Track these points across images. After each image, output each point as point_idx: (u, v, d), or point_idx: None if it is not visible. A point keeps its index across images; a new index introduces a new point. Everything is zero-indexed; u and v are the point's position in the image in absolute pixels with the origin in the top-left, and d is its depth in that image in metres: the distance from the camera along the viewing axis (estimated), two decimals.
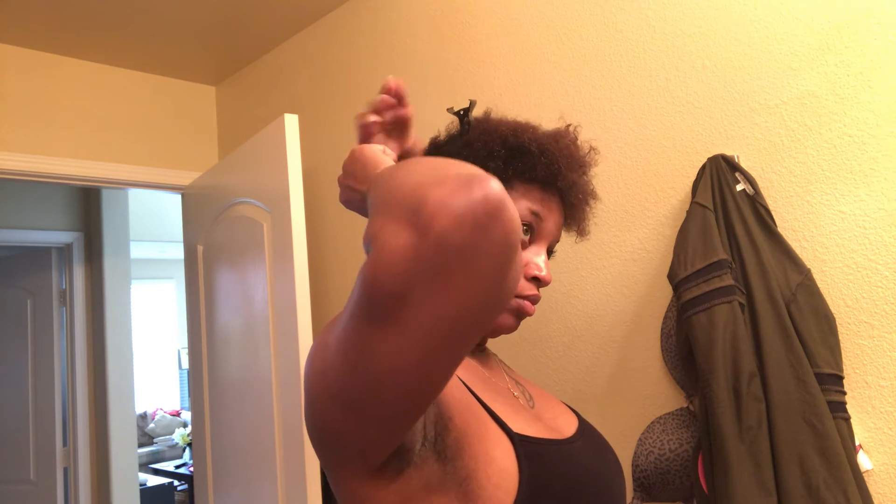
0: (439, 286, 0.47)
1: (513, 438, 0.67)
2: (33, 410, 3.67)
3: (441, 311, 0.48)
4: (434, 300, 0.47)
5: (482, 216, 0.46)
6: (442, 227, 0.45)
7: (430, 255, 0.46)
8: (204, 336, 2.49)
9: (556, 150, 0.78)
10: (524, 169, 0.78)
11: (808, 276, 1.20)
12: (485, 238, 0.46)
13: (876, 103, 1.18)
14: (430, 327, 0.48)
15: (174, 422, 6.60)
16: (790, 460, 1.10)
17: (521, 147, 0.78)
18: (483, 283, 0.48)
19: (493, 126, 0.81)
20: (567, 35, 1.65)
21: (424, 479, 0.63)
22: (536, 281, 0.78)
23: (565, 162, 0.78)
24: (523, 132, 0.79)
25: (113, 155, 2.63)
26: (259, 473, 2.07)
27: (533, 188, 0.78)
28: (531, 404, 0.83)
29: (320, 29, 2.45)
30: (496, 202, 0.46)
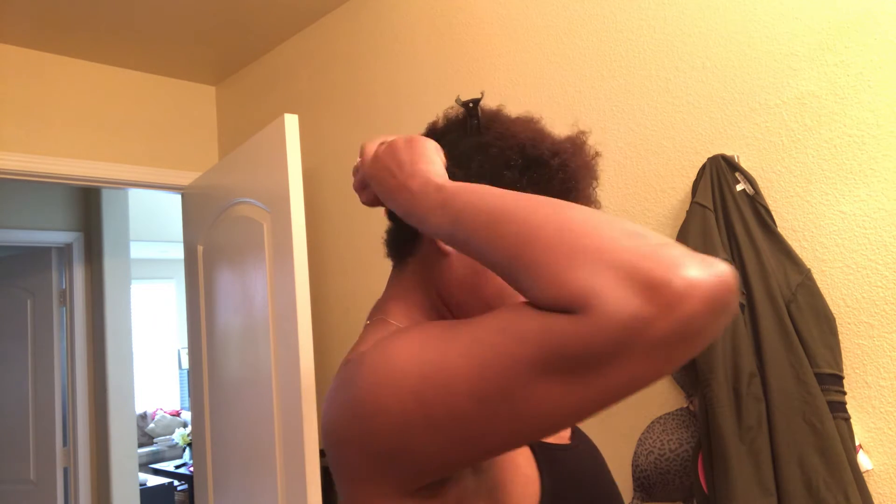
0: (656, 358, 0.47)
1: (532, 446, 0.68)
2: (33, 410, 3.67)
3: (637, 377, 0.47)
4: (639, 368, 0.47)
5: (726, 303, 0.47)
6: (691, 309, 0.45)
7: (665, 331, 0.45)
8: (204, 336, 2.49)
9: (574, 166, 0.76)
10: (539, 180, 0.74)
11: (808, 276, 1.20)
12: (719, 323, 0.47)
13: (876, 103, 1.18)
14: (615, 389, 0.48)
15: (174, 422, 6.60)
16: (790, 460, 1.10)
17: (539, 159, 0.75)
18: (689, 357, 0.48)
19: (511, 131, 0.77)
20: (567, 35, 1.65)
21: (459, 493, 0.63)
22: None
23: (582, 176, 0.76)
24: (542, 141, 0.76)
25: (113, 155, 2.63)
26: (259, 473, 2.07)
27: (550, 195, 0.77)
28: None
29: (320, 29, 2.45)
30: (736, 290, 0.47)
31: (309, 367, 1.88)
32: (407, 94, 2.09)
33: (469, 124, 0.79)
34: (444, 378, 0.53)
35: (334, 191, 2.36)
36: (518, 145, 0.75)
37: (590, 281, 0.47)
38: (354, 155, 2.28)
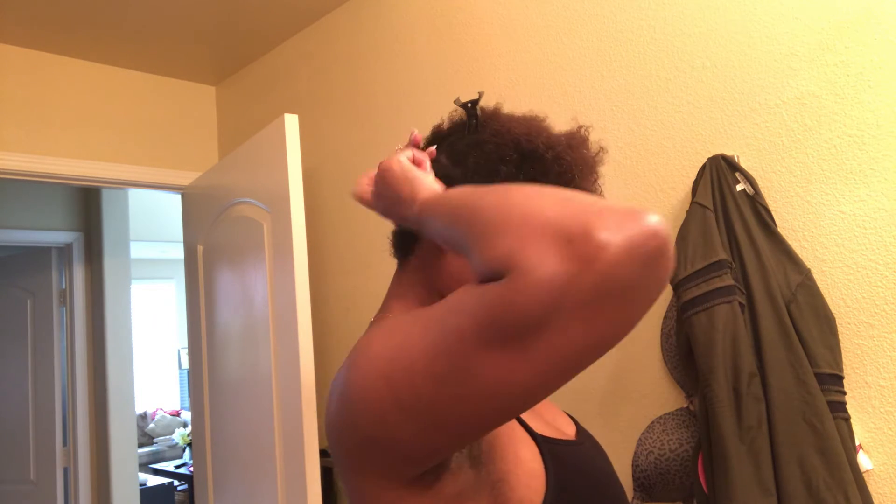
0: (588, 317, 0.46)
1: (537, 440, 0.68)
2: (33, 410, 3.67)
3: (579, 342, 0.47)
4: (576, 330, 0.46)
5: (653, 252, 0.45)
6: (611, 259, 0.44)
7: (589, 285, 0.45)
8: (204, 336, 2.49)
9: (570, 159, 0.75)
10: (536, 175, 0.75)
11: (808, 276, 1.20)
12: (650, 275, 0.46)
13: (876, 103, 1.18)
14: (560, 356, 0.48)
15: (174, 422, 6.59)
16: (790, 460, 1.10)
17: (534, 153, 0.75)
18: (631, 316, 0.47)
19: (506, 126, 0.77)
20: (567, 35, 1.65)
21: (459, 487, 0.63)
22: None
23: (578, 170, 0.76)
24: (537, 136, 0.76)
25: (113, 155, 2.63)
26: (259, 473, 2.07)
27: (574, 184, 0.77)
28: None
29: (320, 29, 2.45)
30: (666, 238, 0.46)
31: (309, 367, 1.88)
32: (407, 94, 2.09)
33: (468, 124, 0.80)
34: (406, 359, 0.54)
35: (334, 191, 2.36)
36: (513, 140, 0.76)
37: (513, 245, 0.48)
38: (355, 155, 2.29)
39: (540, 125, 0.79)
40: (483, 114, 0.80)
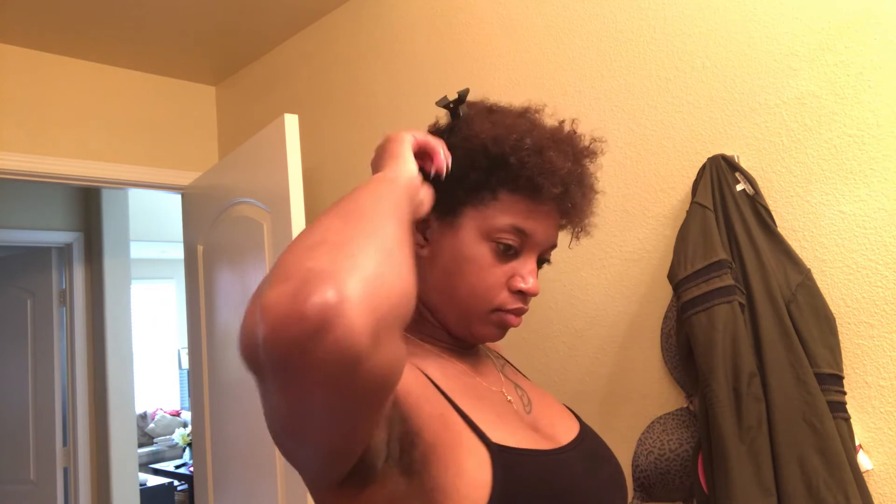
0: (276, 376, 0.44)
1: (490, 448, 0.65)
2: (33, 410, 3.67)
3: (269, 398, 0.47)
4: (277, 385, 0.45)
5: (301, 335, 0.41)
6: (264, 335, 0.42)
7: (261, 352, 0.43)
8: (204, 336, 2.49)
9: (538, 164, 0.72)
10: (506, 180, 0.73)
11: (808, 276, 1.20)
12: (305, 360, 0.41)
13: (876, 103, 1.18)
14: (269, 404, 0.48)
15: (174, 422, 6.59)
16: (790, 460, 1.10)
17: (500, 158, 0.72)
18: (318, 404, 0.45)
19: (475, 131, 0.75)
20: (567, 35, 1.65)
21: (388, 494, 0.63)
22: (522, 294, 0.75)
23: (548, 176, 0.72)
24: (505, 140, 0.73)
25: (113, 155, 2.63)
26: (259, 473, 2.07)
27: (519, 198, 0.74)
28: (528, 409, 0.80)
29: (320, 29, 2.45)
30: (320, 319, 0.40)
31: None
32: (407, 94, 2.09)
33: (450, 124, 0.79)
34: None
35: (334, 191, 2.36)
36: (480, 146, 0.74)
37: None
38: (354, 155, 2.28)
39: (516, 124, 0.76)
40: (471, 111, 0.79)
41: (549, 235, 0.77)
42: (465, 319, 0.76)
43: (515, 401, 0.80)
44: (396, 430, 0.63)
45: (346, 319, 0.41)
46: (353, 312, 0.41)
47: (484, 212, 0.74)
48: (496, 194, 0.74)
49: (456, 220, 0.75)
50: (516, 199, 0.74)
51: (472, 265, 0.74)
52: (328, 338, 0.41)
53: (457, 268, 0.75)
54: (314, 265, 0.43)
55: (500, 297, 0.75)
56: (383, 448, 0.62)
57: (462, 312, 0.76)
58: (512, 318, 0.76)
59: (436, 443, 0.64)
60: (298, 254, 0.46)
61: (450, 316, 0.77)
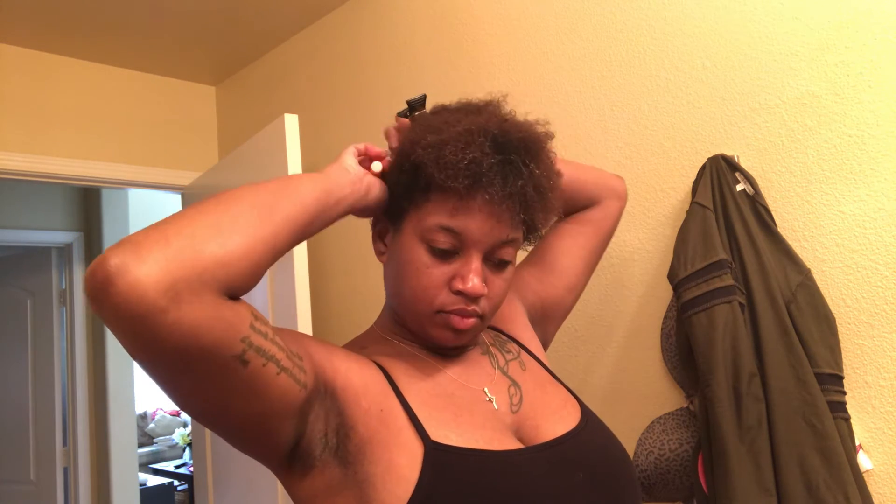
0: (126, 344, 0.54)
1: (426, 446, 0.67)
2: (33, 410, 3.67)
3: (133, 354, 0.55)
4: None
5: (91, 289, 0.51)
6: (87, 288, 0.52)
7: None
8: None
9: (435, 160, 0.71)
10: (428, 180, 0.73)
11: (808, 276, 1.20)
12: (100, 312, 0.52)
13: (876, 103, 1.18)
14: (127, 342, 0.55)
15: (174, 422, 6.59)
16: (790, 460, 1.10)
17: (414, 159, 0.74)
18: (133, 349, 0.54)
19: (409, 135, 0.77)
20: (567, 35, 1.65)
21: (327, 481, 0.67)
22: (462, 295, 0.74)
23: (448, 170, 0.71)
24: (415, 141, 0.74)
25: (113, 155, 2.63)
26: (259, 473, 2.07)
27: (449, 196, 0.73)
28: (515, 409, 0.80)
29: (320, 29, 2.44)
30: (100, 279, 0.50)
31: None
32: (407, 95, 2.09)
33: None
34: None
35: None
36: (401, 149, 0.77)
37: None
38: None
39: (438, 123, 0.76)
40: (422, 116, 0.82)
41: (486, 231, 0.73)
42: (416, 323, 0.78)
43: (501, 400, 0.80)
44: (333, 422, 0.68)
45: (129, 276, 0.50)
46: (138, 270, 0.50)
47: (419, 214, 0.75)
48: (428, 195, 0.74)
49: (401, 224, 0.78)
50: (446, 198, 0.73)
51: (410, 267, 0.75)
52: (111, 290, 0.50)
53: (401, 271, 0.77)
54: (135, 236, 0.53)
55: (440, 299, 0.74)
56: (321, 438, 0.67)
57: (412, 315, 0.78)
58: (455, 319, 0.74)
59: (371, 438, 0.68)
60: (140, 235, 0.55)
61: (407, 319, 0.80)
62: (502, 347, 0.89)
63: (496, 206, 0.72)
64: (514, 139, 0.74)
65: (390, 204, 0.80)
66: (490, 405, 0.78)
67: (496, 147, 0.73)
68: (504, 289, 0.79)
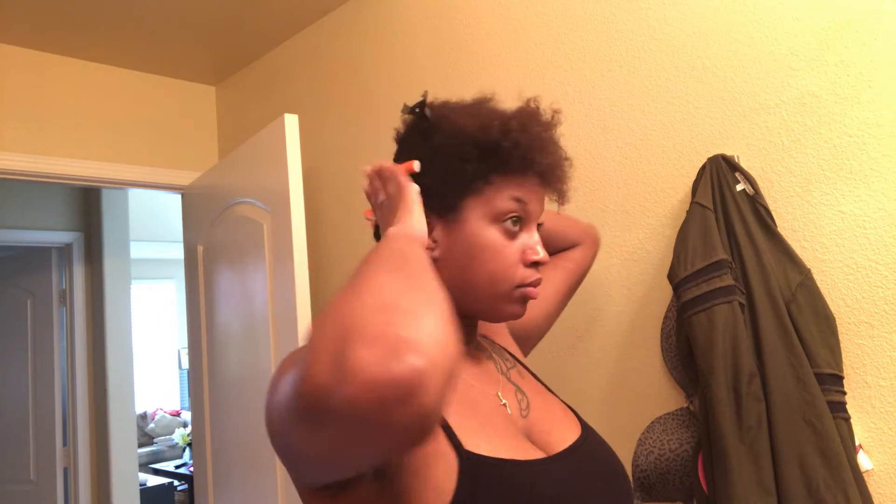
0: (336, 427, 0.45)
1: (461, 456, 0.66)
2: (33, 410, 3.67)
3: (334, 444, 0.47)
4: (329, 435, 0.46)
5: (398, 398, 0.43)
6: (350, 394, 0.43)
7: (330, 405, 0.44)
8: (204, 336, 2.49)
9: (528, 141, 0.78)
10: (498, 165, 0.77)
11: (808, 276, 1.20)
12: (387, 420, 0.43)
13: (876, 103, 1.18)
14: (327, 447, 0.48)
15: (174, 422, 6.59)
16: (790, 460, 1.10)
17: (492, 144, 0.77)
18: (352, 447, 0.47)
19: (458, 126, 0.79)
20: (567, 35, 1.65)
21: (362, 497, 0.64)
22: (536, 265, 0.79)
23: (538, 149, 0.78)
24: (490, 126, 0.78)
25: (113, 155, 2.63)
26: (259, 473, 2.07)
27: (511, 176, 0.78)
28: (524, 414, 0.81)
29: (320, 29, 2.45)
30: (410, 386, 0.43)
31: None
32: (407, 95, 2.09)
33: (422, 128, 0.82)
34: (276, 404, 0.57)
35: (334, 191, 2.36)
36: (470, 138, 0.78)
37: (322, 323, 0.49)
38: (354, 155, 2.28)
39: (490, 111, 0.81)
40: (433, 113, 0.82)
41: (540, 205, 0.81)
42: (490, 304, 0.79)
43: (512, 405, 0.81)
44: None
45: (430, 386, 0.44)
46: (435, 379, 0.44)
47: (483, 198, 0.78)
48: (489, 179, 0.77)
49: (459, 214, 0.78)
50: (508, 178, 0.78)
51: (487, 251, 0.77)
52: (414, 402, 0.43)
53: (472, 258, 0.78)
54: (398, 332, 0.45)
55: (519, 274, 0.78)
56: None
57: (486, 299, 0.79)
58: (532, 291, 0.79)
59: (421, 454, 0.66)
60: (373, 317, 0.46)
61: (472, 306, 0.80)
62: (500, 355, 0.91)
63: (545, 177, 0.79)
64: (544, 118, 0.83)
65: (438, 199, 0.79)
66: (505, 410, 0.79)
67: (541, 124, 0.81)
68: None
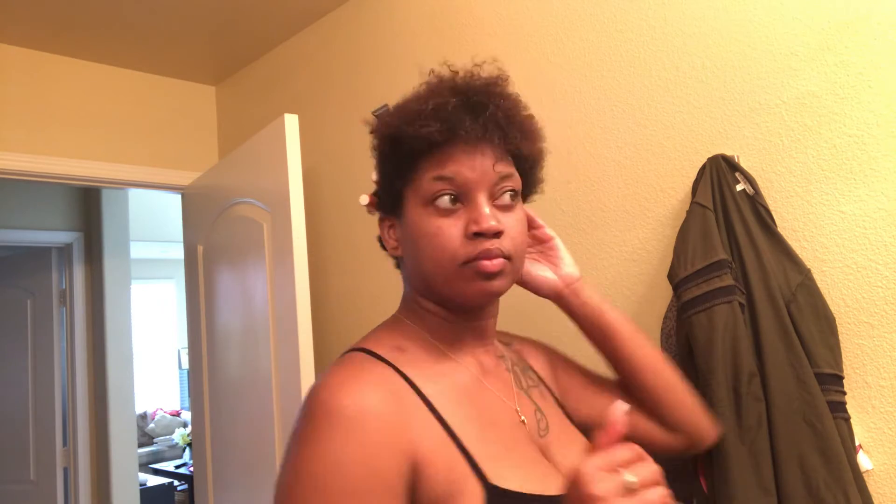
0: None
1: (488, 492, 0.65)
2: (33, 410, 3.67)
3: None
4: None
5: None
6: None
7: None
8: (204, 336, 2.49)
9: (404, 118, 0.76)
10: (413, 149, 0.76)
11: (808, 276, 1.20)
12: None
13: (876, 103, 1.18)
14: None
15: (174, 422, 6.60)
16: (790, 460, 1.10)
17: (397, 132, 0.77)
18: None
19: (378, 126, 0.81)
20: (567, 35, 1.65)
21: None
22: (481, 236, 0.73)
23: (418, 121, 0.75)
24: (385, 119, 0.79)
25: (113, 155, 2.63)
26: (259, 473, 2.07)
27: (433, 155, 0.75)
28: (543, 433, 0.78)
29: (320, 29, 2.45)
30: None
31: (309, 367, 1.88)
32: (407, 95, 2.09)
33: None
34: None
35: (334, 191, 2.36)
36: (382, 136, 0.80)
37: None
38: (354, 155, 2.28)
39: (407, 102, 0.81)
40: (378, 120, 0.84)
41: (477, 168, 0.75)
42: (447, 289, 0.76)
43: (530, 423, 0.78)
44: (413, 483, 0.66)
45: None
46: None
47: (413, 186, 0.77)
48: (414, 165, 0.77)
49: (402, 209, 0.79)
50: (430, 157, 0.75)
51: (424, 237, 0.75)
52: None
53: (418, 245, 0.76)
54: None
55: (462, 250, 0.73)
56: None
57: (441, 285, 0.76)
58: (483, 264, 0.73)
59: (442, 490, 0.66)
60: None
61: (436, 292, 0.78)
62: (524, 372, 0.88)
63: (475, 141, 0.74)
64: (474, 84, 0.79)
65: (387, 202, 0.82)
66: (523, 426, 0.77)
67: (456, 92, 0.77)
68: (520, 227, 0.78)
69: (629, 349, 0.91)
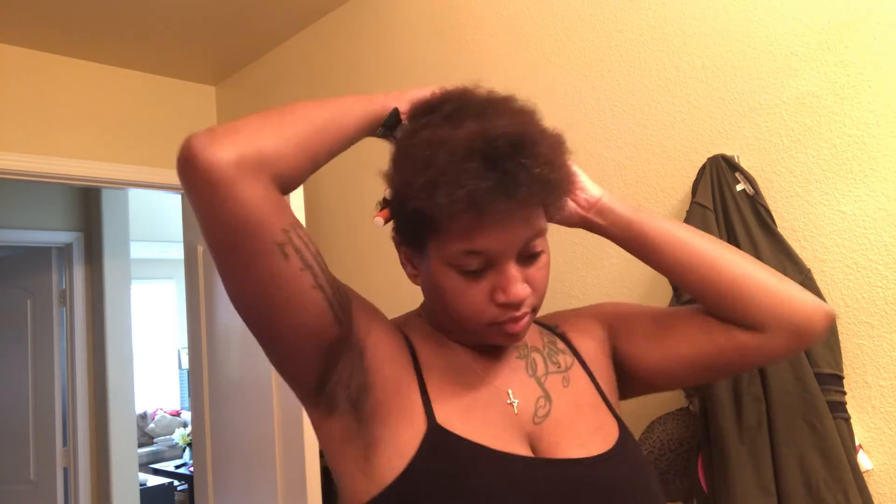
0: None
1: (429, 426, 0.70)
2: (33, 410, 3.67)
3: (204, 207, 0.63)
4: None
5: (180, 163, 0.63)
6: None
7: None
8: (204, 336, 2.49)
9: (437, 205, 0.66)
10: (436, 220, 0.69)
11: (809, 276, 1.20)
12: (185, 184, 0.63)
13: (876, 103, 1.18)
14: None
15: (174, 422, 6.59)
16: (790, 460, 1.10)
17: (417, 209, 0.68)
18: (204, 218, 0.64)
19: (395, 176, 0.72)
20: (567, 35, 1.65)
21: (344, 429, 0.73)
22: (507, 305, 0.71)
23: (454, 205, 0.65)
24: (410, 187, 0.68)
25: (113, 155, 2.63)
26: (259, 473, 2.07)
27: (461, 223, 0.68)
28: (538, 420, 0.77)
29: (320, 29, 2.45)
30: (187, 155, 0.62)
31: None
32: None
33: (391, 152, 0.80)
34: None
35: (334, 190, 2.36)
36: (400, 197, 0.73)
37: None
38: (354, 154, 2.28)
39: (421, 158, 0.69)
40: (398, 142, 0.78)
41: (508, 239, 0.70)
42: (472, 334, 0.77)
43: (525, 407, 0.77)
44: (357, 378, 0.72)
45: (207, 153, 0.61)
46: (215, 149, 0.62)
47: (438, 242, 0.71)
48: (440, 226, 0.70)
49: (424, 250, 0.74)
50: (459, 225, 0.68)
51: (448, 293, 0.73)
52: (194, 163, 0.61)
53: (441, 295, 0.74)
54: (213, 128, 0.64)
55: (488, 313, 0.72)
56: (345, 388, 0.72)
57: (464, 328, 0.76)
58: (509, 327, 0.73)
59: (385, 404, 0.72)
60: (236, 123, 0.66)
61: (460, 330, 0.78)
62: (550, 358, 0.84)
63: (508, 216, 0.68)
64: (501, 145, 0.67)
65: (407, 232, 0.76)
66: (510, 408, 0.77)
67: (487, 164, 0.66)
68: (545, 276, 0.75)
69: (670, 253, 0.83)
